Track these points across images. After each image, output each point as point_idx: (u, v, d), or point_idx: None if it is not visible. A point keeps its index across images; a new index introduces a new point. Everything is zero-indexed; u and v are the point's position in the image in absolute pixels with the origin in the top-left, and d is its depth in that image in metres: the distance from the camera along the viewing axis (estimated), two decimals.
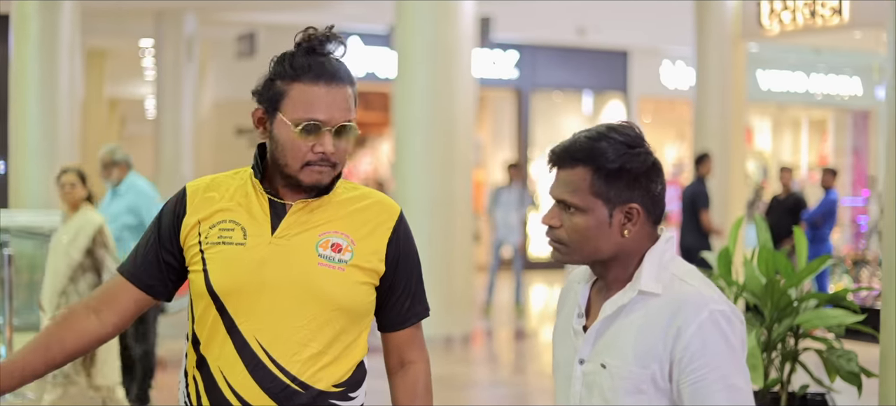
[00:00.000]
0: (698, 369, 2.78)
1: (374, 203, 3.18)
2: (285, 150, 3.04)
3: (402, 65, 13.89)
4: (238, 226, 3.10)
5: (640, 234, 2.92)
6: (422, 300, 3.25)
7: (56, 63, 16.07)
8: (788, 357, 5.69)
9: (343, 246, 3.08)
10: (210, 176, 3.25)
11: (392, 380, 3.26)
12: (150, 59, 25.53)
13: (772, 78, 26.45)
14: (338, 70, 3.06)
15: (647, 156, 2.91)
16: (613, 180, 2.88)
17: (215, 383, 3.07)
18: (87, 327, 3.18)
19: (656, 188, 2.92)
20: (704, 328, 2.79)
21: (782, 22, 17.10)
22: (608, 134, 2.91)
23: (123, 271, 3.22)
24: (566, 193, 2.93)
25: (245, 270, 3.05)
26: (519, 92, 25.43)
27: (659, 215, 2.96)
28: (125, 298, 3.20)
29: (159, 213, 3.21)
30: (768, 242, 5.80)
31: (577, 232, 2.92)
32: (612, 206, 2.89)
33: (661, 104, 27.31)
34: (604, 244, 2.92)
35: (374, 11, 19.70)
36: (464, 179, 13.86)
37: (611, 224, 2.90)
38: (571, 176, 2.92)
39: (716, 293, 2.87)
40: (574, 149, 2.93)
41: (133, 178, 9.49)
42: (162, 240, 3.18)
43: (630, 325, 2.88)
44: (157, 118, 22.27)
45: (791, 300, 5.60)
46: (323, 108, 3.02)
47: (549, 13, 21.90)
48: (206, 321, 3.10)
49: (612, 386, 2.88)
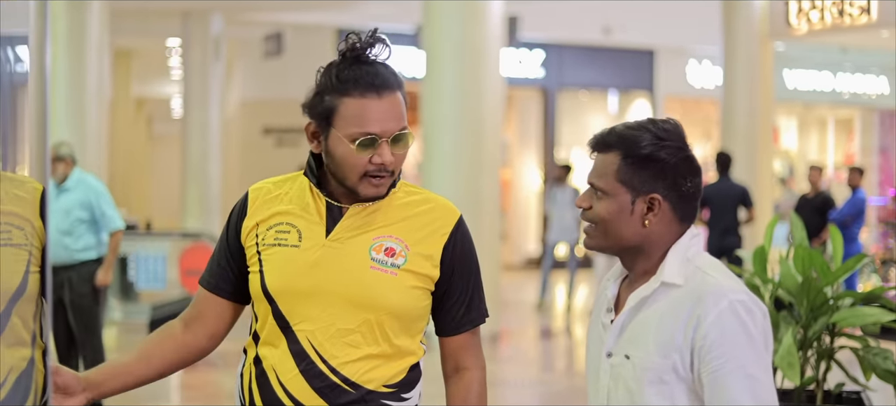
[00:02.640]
0: (717, 358, 2.80)
1: (432, 207, 3.18)
2: (342, 165, 3.04)
3: (430, 64, 13.89)
4: (294, 228, 3.12)
5: (663, 227, 2.95)
6: (478, 306, 3.23)
7: (84, 62, 16.15)
8: (824, 355, 5.67)
9: (397, 250, 3.08)
10: (272, 179, 3.26)
11: (447, 385, 3.26)
12: (176, 58, 25.60)
13: (798, 77, 26.35)
14: (386, 77, 3.04)
15: (679, 151, 2.94)
16: (640, 168, 2.92)
17: (268, 381, 3.09)
18: (184, 341, 3.25)
19: (685, 185, 2.94)
20: (723, 317, 2.81)
21: (810, 21, 17.05)
22: (645, 125, 2.96)
23: (204, 282, 3.26)
24: (595, 177, 2.98)
25: (298, 272, 3.07)
26: (545, 91, 25.41)
27: (687, 213, 2.98)
28: (211, 310, 3.25)
29: (228, 218, 3.25)
30: (804, 240, 5.79)
31: (600, 216, 2.97)
32: (636, 194, 2.93)
33: (688, 103, 27.24)
34: (626, 231, 2.95)
35: (401, 11, 19.69)
36: (491, 179, 13.86)
37: (632, 212, 2.94)
38: (603, 161, 2.97)
39: (737, 284, 2.88)
40: (609, 135, 2.99)
41: (80, 174, 9.50)
42: (230, 245, 3.22)
43: (652, 316, 2.92)
44: (183, 118, 22.33)
45: (827, 298, 5.59)
46: (377, 121, 3.01)
47: (575, 12, 21.89)
48: (264, 322, 3.13)
49: (636, 377, 2.91)
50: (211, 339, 3.27)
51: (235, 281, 3.22)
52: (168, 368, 3.25)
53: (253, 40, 23.92)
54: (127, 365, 3.23)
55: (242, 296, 3.23)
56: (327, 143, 3.06)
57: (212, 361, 3.09)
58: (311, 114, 3.09)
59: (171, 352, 3.24)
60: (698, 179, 2.98)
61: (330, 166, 3.08)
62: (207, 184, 21.47)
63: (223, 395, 10.60)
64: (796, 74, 26.25)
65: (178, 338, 3.25)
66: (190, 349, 3.26)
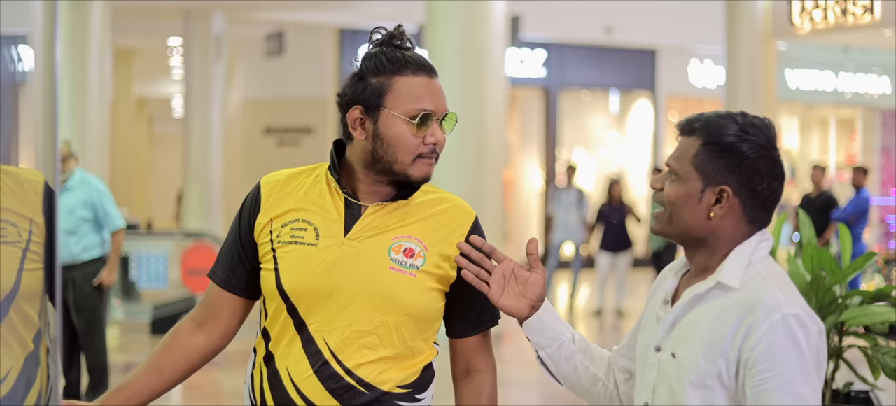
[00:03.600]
0: (763, 371, 2.70)
1: (450, 207, 3.14)
2: (395, 146, 3.01)
3: (433, 64, 13.83)
4: (311, 225, 3.07)
5: (729, 223, 2.85)
6: (491, 308, 3.17)
7: (86, 62, 16.15)
8: (832, 354, 5.63)
9: (416, 251, 3.04)
10: (285, 171, 3.20)
11: (457, 386, 3.22)
12: (178, 58, 25.60)
13: (800, 77, 26.29)
14: (429, 62, 3.08)
15: (762, 148, 2.83)
16: (716, 157, 2.82)
17: (280, 381, 3.05)
18: (194, 344, 3.20)
19: (761, 184, 2.83)
20: (775, 330, 2.70)
21: (813, 20, 17.03)
22: (735, 115, 2.86)
23: (215, 278, 3.21)
24: (673, 159, 2.91)
25: (315, 272, 3.02)
26: (547, 91, 25.40)
27: (758, 216, 2.87)
28: (224, 309, 3.20)
29: (239, 211, 3.19)
30: (813, 239, 5.75)
31: (669, 198, 2.89)
32: (707, 183, 2.83)
33: (689, 103, 27.21)
34: (690, 220, 2.86)
35: (403, 11, 19.66)
36: (494, 178, 13.83)
37: (700, 200, 2.84)
38: (685, 143, 2.90)
39: (795, 297, 2.77)
40: (697, 119, 2.91)
41: (82, 173, 9.52)
42: (242, 240, 3.16)
43: (704, 317, 2.82)
44: (185, 117, 22.30)
45: (835, 297, 5.56)
46: (430, 98, 3.02)
47: (577, 12, 21.88)
48: (277, 320, 3.07)
49: (679, 377, 2.83)
50: (224, 339, 3.23)
51: (248, 277, 3.16)
52: (182, 376, 3.20)
53: (254, 40, 23.91)
54: (141, 382, 3.15)
55: (255, 292, 3.18)
56: (377, 126, 3.01)
57: (214, 361, 3.06)
58: (356, 98, 3.04)
59: (184, 359, 3.19)
60: (778, 184, 2.86)
61: (378, 150, 3.02)
62: (209, 184, 21.44)
63: (225, 395, 10.57)
64: (798, 74, 26.18)
65: (190, 342, 3.19)
66: (203, 352, 3.21)
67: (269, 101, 23.92)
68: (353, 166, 3.09)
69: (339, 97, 3.09)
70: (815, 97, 27.01)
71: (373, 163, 3.04)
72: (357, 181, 3.09)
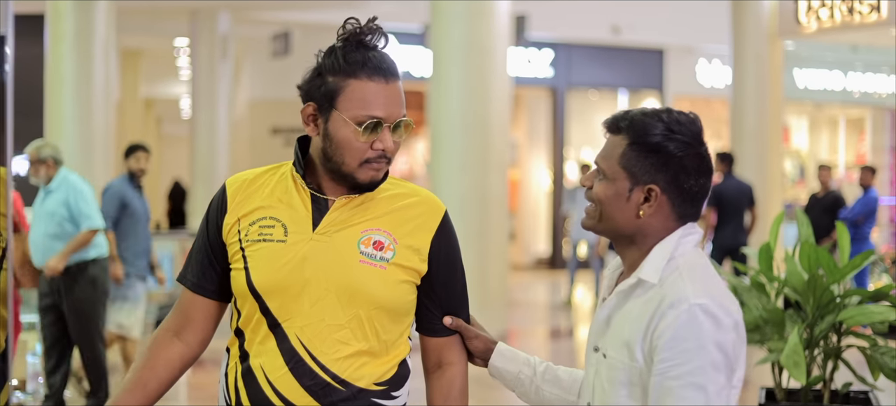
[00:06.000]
0: (663, 361, 2.68)
1: (418, 201, 3.11)
2: (343, 148, 2.97)
3: (437, 64, 13.84)
4: (279, 222, 3.04)
5: (658, 221, 2.85)
6: (463, 302, 3.18)
7: (91, 62, 16.12)
8: (831, 354, 5.59)
9: (385, 244, 3.02)
10: (250, 171, 3.17)
11: (428, 380, 3.20)
12: (184, 58, 25.59)
13: (809, 76, 26.26)
14: (390, 64, 3.00)
15: (688, 146, 2.83)
16: (643, 156, 2.82)
17: (255, 380, 3.02)
18: (174, 354, 3.18)
19: (688, 181, 2.83)
20: (679, 320, 2.68)
21: (820, 19, 16.98)
22: (659, 114, 2.86)
23: (186, 283, 3.19)
24: (601, 157, 2.91)
25: (286, 268, 2.99)
26: (554, 90, 25.36)
27: (687, 212, 2.86)
28: (199, 313, 3.19)
29: (206, 213, 3.16)
30: (810, 237, 5.71)
31: (598, 197, 2.88)
32: (635, 182, 2.83)
33: (697, 103, 27.16)
34: (619, 218, 2.86)
35: (408, 10, 19.67)
36: (499, 178, 13.80)
37: (629, 199, 2.84)
38: (611, 142, 2.89)
39: (707, 290, 2.74)
40: (622, 118, 2.89)
41: (64, 174, 9.24)
42: (211, 241, 3.14)
43: (628, 315, 2.83)
44: (192, 118, 22.29)
45: (834, 296, 5.51)
46: (382, 105, 2.96)
47: (584, 12, 21.84)
48: (249, 319, 3.05)
49: (610, 377, 2.84)
50: (201, 344, 3.22)
51: (219, 279, 3.14)
52: (166, 386, 3.18)
53: (261, 40, 23.90)
54: (128, 399, 3.13)
55: (227, 294, 3.15)
56: (328, 126, 2.99)
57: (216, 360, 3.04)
58: (310, 95, 3.01)
59: (165, 370, 3.17)
60: (705, 180, 2.87)
61: (328, 150, 3.00)
62: (216, 184, 21.40)
63: None
64: (806, 73, 26.16)
65: (170, 352, 3.17)
66: (183, 361, 3.19)
67: (275, 102, 23.90)
68: (316, 161, 3.06)
69: (298, 89, 3.06)
70: (824, 97, 26.98)
71: (325, 160, 3.02)
72: (321, 176, 3.06)
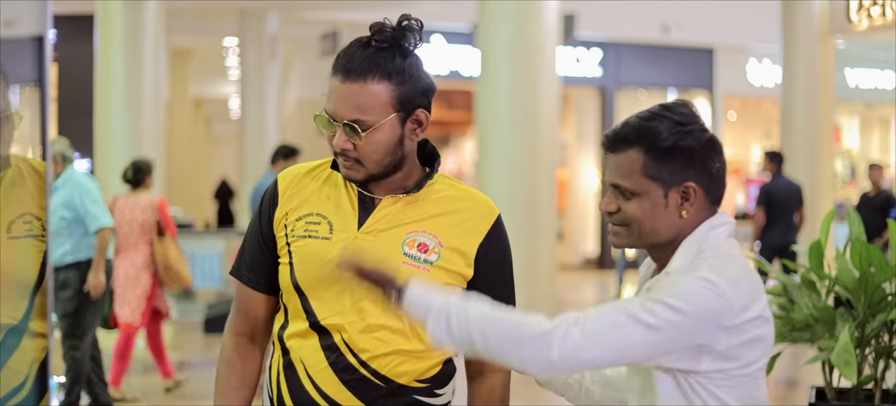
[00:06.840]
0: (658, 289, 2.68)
1: (470, 204, 3.08)
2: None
3: (485, 63, 13.79)
4: (325, 219, 3.03)
5: (698, 214, 2.82)
6: None
7: (140, 62, 16.22)
8: (882, 353, 5.53)
9: (430, 246, 2.99)
10: (304, 165, 3.16)
11: (470, 385, 3.18)
12: (234, 58, 25.68)
13: (860, 75, 26.07)
14: (359, 65, 2.94)
15: (701, 132, 2.82)
16: (667, 160, 2.78)
17: (295, 373, 3.02)
18: (257, 360, 3.19)
19: (714, 166, 2.82)
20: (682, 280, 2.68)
21: (871, 17, 16.80)
22: (660, 113, 2.82)
23: (241, 277, 3.17)
24: (619, 178, 2.83)
25: (329, 266, 2.96)
26: (603, 90, 25.29)
27: (718, 195, 2.85)
28: (260, 309, 3.18)
29: (259, 206, 3.14)
30: (862, 235, 5.65)
31: (634, 216, 2.82)
32: (668, 187, 2.79)
33: (748, 102, 27.05)
34: (662, 226, 2.82)
35: (456, 9, 19.66)
36: (548, 178, 13.74)
37: (667, 205, 2.80)
38: (624, 159, 2.82)
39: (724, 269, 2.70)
40: (626, 131, 2.84)
41: (70, 172, 9.09)
42: (263, 234, 3.13)
43: None
44: (241, 118, 22.35)
45: (885, 294, 5.45)
46: (332, 101, 2.95)
47: (633, 10, 21.78)
48: (293, 313, 3.05)
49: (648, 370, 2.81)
50: (268, 336, 3.21)
51: (271, 272, 3.13)
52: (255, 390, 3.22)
53: (309, 39, 23.95)
54: None
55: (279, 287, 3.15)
56: None
57: None
58: None
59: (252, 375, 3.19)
60: (723, 157, 2.87)
61: None
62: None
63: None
64: (858, 72, 25.96)
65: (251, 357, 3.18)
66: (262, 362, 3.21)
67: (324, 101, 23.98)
68: None
69: None
70: (875, 96, 26.77)
71: None
72: None
